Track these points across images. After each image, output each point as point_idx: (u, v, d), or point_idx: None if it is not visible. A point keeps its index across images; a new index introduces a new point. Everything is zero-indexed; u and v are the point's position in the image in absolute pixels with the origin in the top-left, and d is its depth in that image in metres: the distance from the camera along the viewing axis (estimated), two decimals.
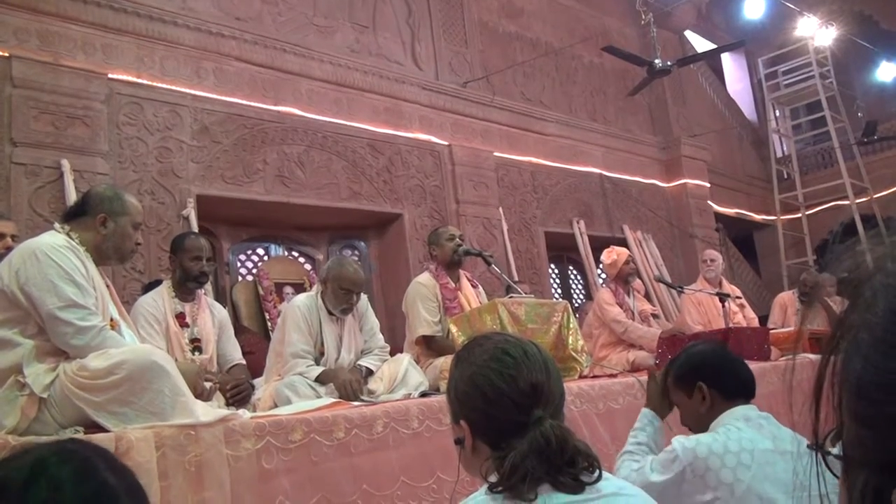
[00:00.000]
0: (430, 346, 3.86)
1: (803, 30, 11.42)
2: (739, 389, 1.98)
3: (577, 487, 1.11)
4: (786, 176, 12.14)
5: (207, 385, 2.76)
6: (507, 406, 1.17)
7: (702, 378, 1.99)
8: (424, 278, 4.04)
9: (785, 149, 12.77)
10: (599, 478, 1.14)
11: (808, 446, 0.48)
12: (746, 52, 13.41)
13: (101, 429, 2.01)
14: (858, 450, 0.43)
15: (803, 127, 12.84)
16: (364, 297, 3.73)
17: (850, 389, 0.44)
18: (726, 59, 14.02)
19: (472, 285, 4.20)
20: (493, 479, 1.13)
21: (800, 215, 11.75)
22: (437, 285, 3.96)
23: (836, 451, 0.46)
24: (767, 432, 1.86)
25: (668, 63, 7.23)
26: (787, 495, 1.73)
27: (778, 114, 12.43)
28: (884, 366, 0.42)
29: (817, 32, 11.42)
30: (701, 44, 12.41)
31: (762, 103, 12.85)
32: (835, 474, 0.46)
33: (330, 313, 3.44)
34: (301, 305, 3.42)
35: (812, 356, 2.89)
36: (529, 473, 1.09)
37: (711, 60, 11.88)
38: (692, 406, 2.02)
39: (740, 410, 1.92)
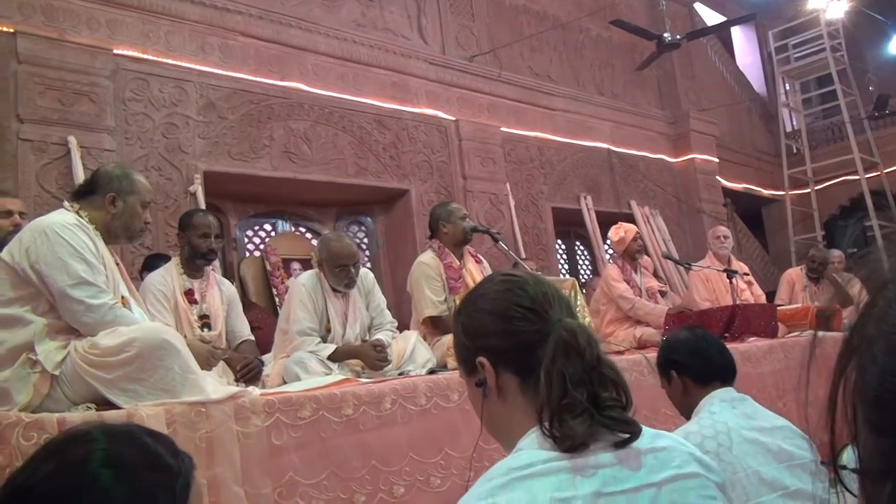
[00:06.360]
0: (437, 326, 3.85)
1: (815, 2, 11.26)
2: (713, 374, 2.03)
3: (620, 425, 1.02)
4: (795, 150, 12.04)
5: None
6: (522, 315, 1.10)
7: (673, 366, 2.08)
8: (427, 257, 4.00)
9: (794, 123, 12.65)
10: (636, 429, 1.03)
11: (821, 462, 0.48)
12: (757, 25, 13.23)
13: (113, 406, 2.03)
14: (879, 461, 0.43)
15: (813, 101, 12.72)
16: (370, 274, 3.75)
17: (866, 400, 0.44)
18: (736, 31, 13.84)
19: (475, 261, 4.18)
20: (533, 434, 1.04)
21: (809, 190, 11.69)
22: (441, 264, 3.94)
23: (852, 465, 0.46)
24: (742, 412, 1.92)
25: (678, 37, 7.16)
26: (770, 467, 1.78)
27: (788, 88, 12.30)
28: None
29: (829, 5, 11.26)
30: (710, 16, 12.25)
31: (772, 77, 12.71)
32: (850, 491, 0.46)
33: (334, 290, 3.46)
34: (305, 283, 3.43)
35: (819, 333, 2.90)
36: (569, 396, 1.01)
37: (721, 33, 11.73)
38: (672, 392, 2.11)
39: (716, 394, 1.98)
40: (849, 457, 0.46)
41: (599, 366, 1.05)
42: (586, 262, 8.79)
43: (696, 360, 2.05)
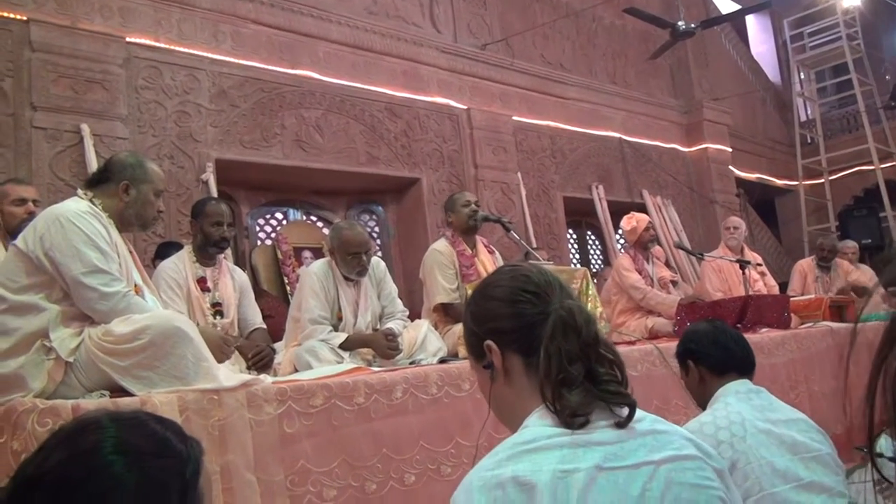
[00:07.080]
0: (448, 314, 3.87)
1: None
2: (730, 365, 2.06)
3: (616, 397, 1.09)
4: (809, 140, 11.94)
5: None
6: (527, 299, 1.17)
7: (692, 356, 2.12)
8: (441, 245, 4.03)
9: (809, 112, 12.53)
10: (633, 407, 1.09)
11: (855, 448, 0.47)
12: (772, 13, 13.08)
13: (127, 393, 2.04)
14: None
15: (828, 90, 12.59)
16: (382, 263, 3.75)
17: None
18: (750, 19, 13.70)
19: (488, 251, 4.19)
20: (538, 413, 1.10)
21: (823, 181, 11.59)
22: (454, 252, 3.97)
23: (889, 453, 0.45)
24: (757, 404, 1.94)
25: (692, 25, 7.08)
26: (784, 458, 1.80)
27: (803, 76, 12.18)
28: None
29: None
30: (725, 4, 12.13)
31: (787, 66, 12.59)
32: (886, 478, 0.45)
33: (346, 279, 3.46)
34: (317, 271, 3.44)
35: (832, 325, 2.95)
36: (565, 371, 1.07)
37: (735, 21, 11.61)
38: (690, 382, 2.16)
39: (731, 386, 2.01)
40: (887, 444, 0.45)
41: (596, 344, 1.13)
42: (598, 252, 8.77)
43: (714, 350, 2.08)
